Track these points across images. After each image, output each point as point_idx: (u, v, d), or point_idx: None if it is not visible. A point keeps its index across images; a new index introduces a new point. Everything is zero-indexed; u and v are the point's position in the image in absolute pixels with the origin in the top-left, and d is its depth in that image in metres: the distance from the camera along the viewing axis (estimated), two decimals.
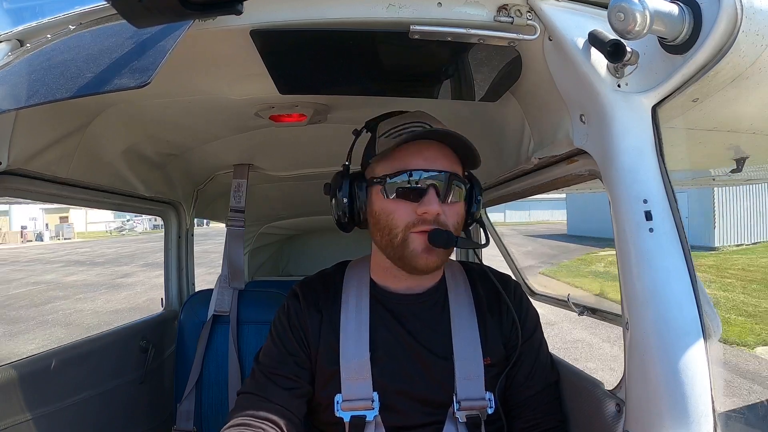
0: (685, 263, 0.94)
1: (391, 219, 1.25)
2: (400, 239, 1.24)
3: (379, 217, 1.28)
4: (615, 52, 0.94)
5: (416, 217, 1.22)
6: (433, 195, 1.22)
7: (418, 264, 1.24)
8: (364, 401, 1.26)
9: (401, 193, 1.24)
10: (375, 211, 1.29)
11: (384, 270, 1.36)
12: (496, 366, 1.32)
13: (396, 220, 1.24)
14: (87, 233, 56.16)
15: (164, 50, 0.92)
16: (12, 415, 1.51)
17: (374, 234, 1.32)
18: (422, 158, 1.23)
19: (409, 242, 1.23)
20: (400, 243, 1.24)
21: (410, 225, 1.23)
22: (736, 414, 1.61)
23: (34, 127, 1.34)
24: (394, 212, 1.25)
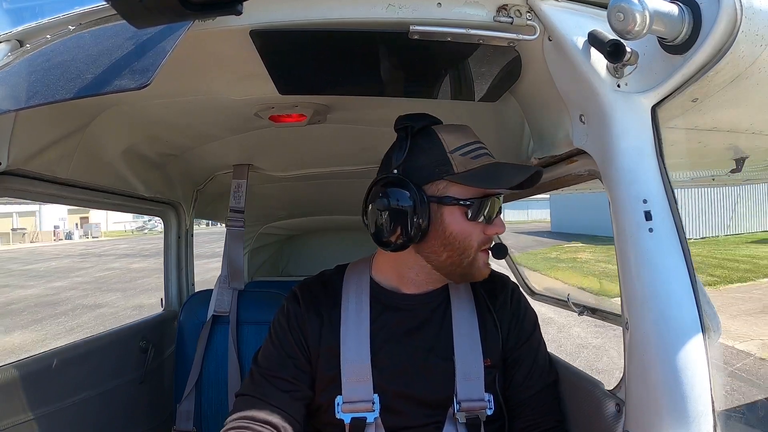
0: (685, 263, 0.94)
1: (468, 240, 1.25)
2: (472, 257, 1.27)
3: (455, 239, 1.24)
4: (615, 52, 0.94)
5: (484, 237, 1.27)
6: (501, 217, 1.30)
7: (482, 275, 1.31)
8: (365, 403, 1.26)
9: (480, 216, 1.25)
10: (450, 231, 1.24)
11: (391, 272, 1.36)
12: (496, 367, 1.32)
13: (471, 242, 1.26)
14: (110, 233, 60.73)
15: (164, 51, 0.92)
16: (12, 415, 1.51)
17: (437, 252, 1.27)
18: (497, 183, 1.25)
19: (477, 259, 1.28)
20: (471, 262, 1.27)
21: (481, 244, 1.27)
22: (735, 413, 1.61)
23: (33, 127, 1.34)
24: (471, 234, 1.25)
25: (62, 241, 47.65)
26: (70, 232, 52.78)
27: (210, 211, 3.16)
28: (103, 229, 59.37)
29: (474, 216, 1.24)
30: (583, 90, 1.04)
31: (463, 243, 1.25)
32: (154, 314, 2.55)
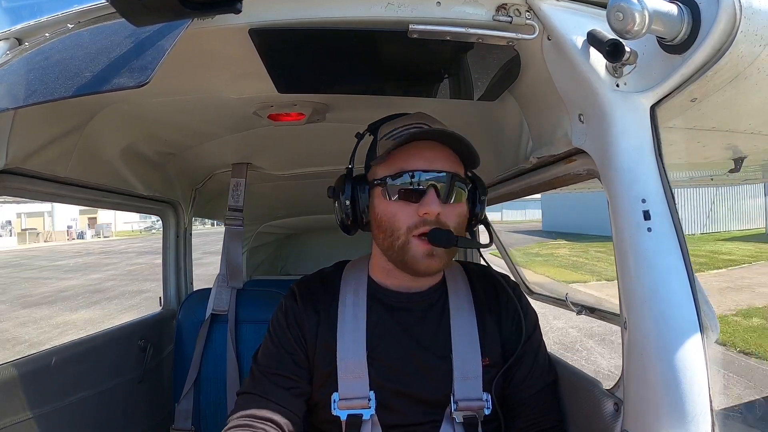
0: (684, 263, 0.94)
1: (393, 221, 1.25)
2: (402, 242, 1.24)
3: (382, 219, 1.28)
4: (614, 51, 0.94)
5: (418, 218, 1.22)
6: (433, 195, 1.22)
7: (419, 268, 1.25)
8: (361, 400, 1.26)
9: (402, 195, 1.24)
10: (377, 213, 1.29)
11: (385, 270, 1.36)
12: (495, 366, 1.32)
13: (398, 222, 1.24)
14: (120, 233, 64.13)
15: (163, 49, 0.92)
16: (11, 414, 1.51)
17: (376, 236, 1.32)
18: (422, 159, 1.24)
19: (411, 246, 1.23)
20: (402, 246, 1.24)
21: (412, 227, 1.23)
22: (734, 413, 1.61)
23: (32, 125, 1.33)
24: (396, 214, 1.25)
25: (75, 241, 49.91)
26: (83, 231, 55.64)
27: (209, 210, 3.15)
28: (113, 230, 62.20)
29: (391, 194, 1.25)
30: (582, 89, 1.04)
31: (390, 223, 1.26)
32: (153, 313, 2.55)
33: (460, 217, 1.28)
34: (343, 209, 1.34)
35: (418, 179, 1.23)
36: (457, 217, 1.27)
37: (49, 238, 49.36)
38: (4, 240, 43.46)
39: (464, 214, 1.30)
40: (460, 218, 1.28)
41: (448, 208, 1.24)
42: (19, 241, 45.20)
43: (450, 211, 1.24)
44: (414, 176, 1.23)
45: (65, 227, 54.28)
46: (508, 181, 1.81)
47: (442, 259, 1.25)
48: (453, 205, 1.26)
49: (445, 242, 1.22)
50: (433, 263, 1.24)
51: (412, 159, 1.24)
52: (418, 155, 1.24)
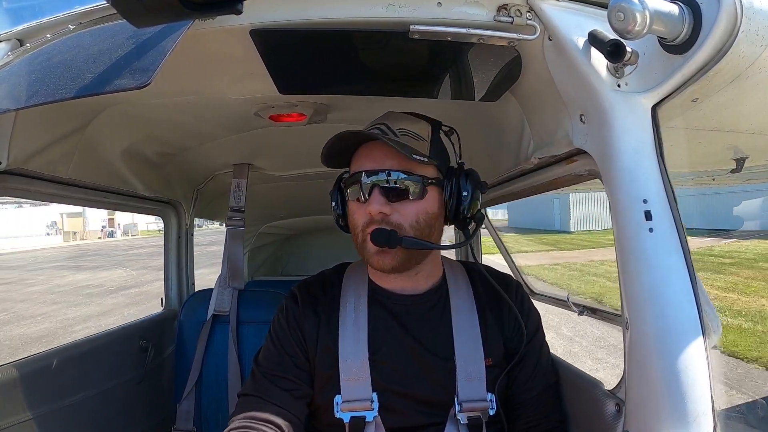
0: (685, 263, 0.94)
1: (353, 220, 1.30)
2: (360, 239, 1.27)
3: (349, 218, 1.33)
4: (615, 52, 0.94)
5: (369, 217, 1.24)
6: (376, 195, 1.22)
7: (373, 265, 1.28)
8: (363, 402, 1.25)
9: (356, 195, 1.28)
10: (348, 212, 1.34)
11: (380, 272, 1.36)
12: (498, 367, 1.31)
13: (356, 221, 1.28)
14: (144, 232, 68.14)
15: (164, 50, 0.92)
16: (13, 414, 1.52)
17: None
18: (371, 159, 1.25)
19: (366, 243, 1.25)
20: (361, 244, 1.28)
21: (364, 226, 1.25)
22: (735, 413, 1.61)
23: (33, 126, 1.34)
24: (354, 213, 1.29)
25: (107, 239, 54.46)
26: (113, 231, 60.01)
27: (210, 211, 3.16)
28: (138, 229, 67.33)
29: (350, 195, 1.31)
30: (583, 90, 1.04)
31: (352, 223, 1.31)
32: (154, 313, 2.55)
33: (417, 214, 1.25)
34: (335, 211, 1.40)
35: (364, 180, 1.24)
36: (414, 214, 1.25)
37: (84, 236, 54.07)
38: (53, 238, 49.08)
39: (427, 210, 1.27)
40: (418, 215, 1.25)
41: (399, 205, 1.24)
42: (64, 239, 49.74)
43: (403, 208, 1.24)
44: (361, 177, 1.25)
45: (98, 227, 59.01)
46: (510, 181, 1.80)
47: (396, 256, 1.24)
48: (406, 202, 1.24)
49: (383, 242, 1.22)
50: (385, 260, 1.24)
51: (363, 160, 1.27)
52: (368, 156, 1.26)
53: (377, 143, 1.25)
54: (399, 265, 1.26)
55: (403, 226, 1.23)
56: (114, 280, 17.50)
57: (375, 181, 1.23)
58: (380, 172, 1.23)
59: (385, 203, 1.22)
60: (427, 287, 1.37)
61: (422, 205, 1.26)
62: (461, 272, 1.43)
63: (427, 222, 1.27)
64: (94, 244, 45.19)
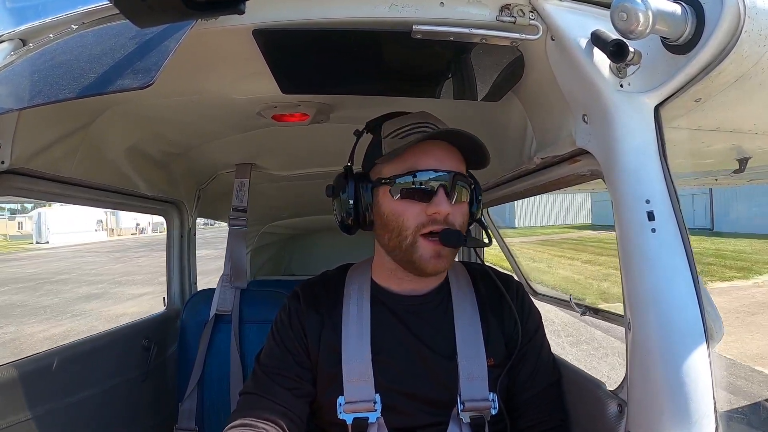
0: (688, 263, 0.93)
1: (401, 220, 1.24)
2: (409, 242, 1.24)
3: (388, 219, 1.27)
4: (617, 52, 0.93)
5: (426, 217, 1.22)
6: (443, 195, 1.21)
7: (427, 268, 1.25)
8: (366, 403, 1.25)
9: (410, 194, 1.23)
10: (383, 212, 1.28)
11: (388, 271, 1.36)
12: (499, 366, 1.31)
13: (406, 221, 1.24)
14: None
15: (167, 50, 0.92)
16: (15, 413, 1.52)
17: (381, 236, 1.31)
18: (432, 158, 1.23)
19: (419, 247, 1.23)
20: (410, 246, 1.24)
21: (420, 226, 1.22)
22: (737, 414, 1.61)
23: (36, 126, 1.34)
24: (403, 213, 1.24)
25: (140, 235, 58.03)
26: (144, 228, 62.92)
27: (212, 210, 3.16)
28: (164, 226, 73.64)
29: (399, 193, 1.24)
30: (586, 90, 1.04)
31: (397, 223, 1.25)
32: (157, 313, 2.56)
33: (464, 216, 1.28)
34: (344, 208, 1.33)
35: (429, 178, 1.22)
36: (462, 216, 1.27)
37: (120, 233, 58.09)
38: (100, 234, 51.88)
39: (467, 213, 1.30)
40: (464, 218, 1.28)
41: (455, 207, 1.24)
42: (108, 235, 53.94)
43: (456, 210, 1.24)
44: (423, 175, 1.22)
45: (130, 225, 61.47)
46: (512, 181, 1.80)
47: (449, 259, 1.25)
48: (459, 204, 1.25)
49: (455, 242, 1.22)
50: (440, 263, 1.24)
51: (423, 158, 1.23)
52: (429, 154, 1.24)
53: (437, 143, 1.25)
54: (448, 268, 1.30)
55: (456, 227, 1.24)
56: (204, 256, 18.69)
57: (441, 181, 1.23)
58: (446, 173, 1.23)
59: (449, 204, 1.22)
60: (430, 288, 1.37)
61: (466, 209, 1.29)
62: (463, 272, 1.43)
63: (466, 224, 1.30)
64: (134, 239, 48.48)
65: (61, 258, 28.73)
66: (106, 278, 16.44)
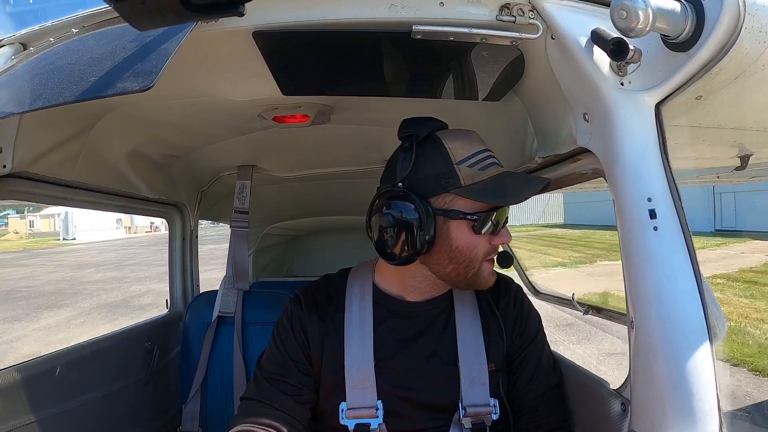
0: (690, 262, 0.93)
1: (474, 253, 1.22)
2: (477, 268, 1.25)
3: (460, 252, 1.22)
4: (618, 50, 0.93)
5: (490, 247, 1.25)
6: (507, 227, 1.28)
7: (488, 284, 1.29)
8: (369, 409, 1.26)
9: (487, 228, 1.22)
10: (455, 245, 1.21)
11: (394, 279, 1.34)
12: (500, 371, 1.32)
13: (477, 253, 1.23)
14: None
15: (167, 53, 0.92)
16: (18, 417, 1.52)
17: (443, 265, 1.25)
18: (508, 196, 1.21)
19: (482, 269, 1.25)
20: (476, 273, 1.25)
21: (486, 255, 1.25)
22: (742, 413, 1.61)
23: (37, 130, 1.34)
24: (477, 246, 1.22)
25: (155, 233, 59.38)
26: (157, 226, 64.21)
27: (214, 213, 3.16)
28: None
29: (480, 229, 1.21)
30: (586, 88, 1.04)
31: (469, 256, 1.22)
32: (159, 315, 2.56)
33: None
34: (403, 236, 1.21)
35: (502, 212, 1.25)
36: None
37: (136, 231, 61.28)
38: (119, 231, 55.13)
39: None
40: None
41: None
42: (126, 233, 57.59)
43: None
44: (501, 211, 1.24)
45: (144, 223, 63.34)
46: None
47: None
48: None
49: (510, 264, 1.39)
50: (494, 277, 1.30)
51: (503, 195, 1.20)
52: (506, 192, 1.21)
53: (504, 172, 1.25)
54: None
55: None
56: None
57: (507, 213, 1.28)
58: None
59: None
60: (435, 294, 1.36)
61: None
62: None
63: None
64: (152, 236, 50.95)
65: (104, 251, 31.67)
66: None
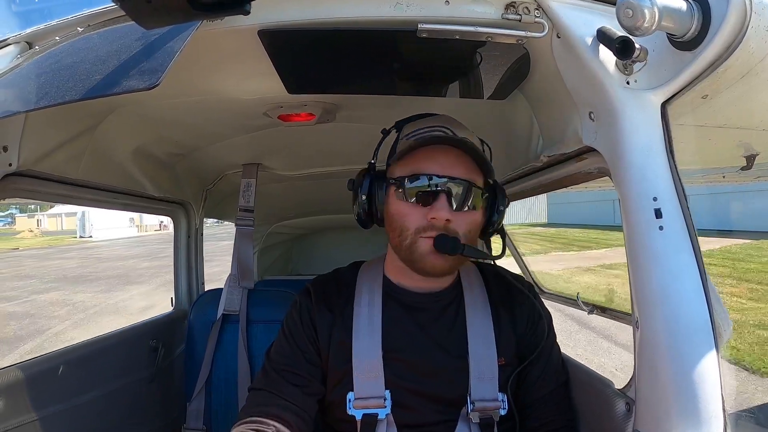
0: (696, 262, 0.93)
1: (403, 221, 1.25)
2: (409, 242, 1.24)
3: (393, 218, 1.28)
4: (623, 48, 0.93)
5: (426, 222, 1.22)
6: (444, 201, 1.21)
7: (425, 266, 1.24)
8: (376, 399, 1.25)
9: (414, 196, 1.24)
10: (390, 211, 1.29)
11: (400, 269, 1.35)
12: (510, 366, 1.31)
13: (408, 223, 1.24)
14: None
15: (173, 51, 0.92)
16: (23, 414, 1.53)
17: (389, 233, 1.32)
18: (438, 163, 1.23)
19: (418, 245, 1.23)
20: (409, 246, 1.24)
21: (420, 229, 1.22)
22: (746, 414, 1.60)
23: (43, 128, 1.34)
24: (407, 215, 1.24)
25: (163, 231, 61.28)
26: (166, 224, 66.86)
27: (219, 211, 3.17)
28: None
29: (404, 195, 1.25)
30: (592, 87, 1.04)
31: (399, 223, 1.25)
32: (164, 313, 2.57)
33: (472, 225, 1.27)
34: (360, 204, 1.34)
35: (431, 183, 1.22)
36: (468, 224, 1.25)
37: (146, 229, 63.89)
38: (132, 230, 58.05)
39: (478, 222, 1.29)
40: (471, 226, 1.26)
41: (459, 215, 1.23)
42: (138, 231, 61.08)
43: (461, 218, 1.24)
44: (426, 179, 1.22)
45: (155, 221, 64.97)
46: (519, 179, 1.80)
47: (449, 260, 1.24)
48: (465, 212, 1.25)
49: (449, 250, 1.21)
50: (438, 261, 1.23)
51: (428, 162, 1.23)
52: (435, 159, 1.23)
53: (444, 148, 1.24)
54: (449, 270, 1.28)
55: (459, 235, 1.23)
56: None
57: (444, 186, 1.22)
58: (449, 179, 1.22)
59: (450, 211, 1.21)
60: (443, 286, 1.36)
61: (476, 217, 1.28)
62: (475, 272, 1.43)
63: (475, 233, 1.29)
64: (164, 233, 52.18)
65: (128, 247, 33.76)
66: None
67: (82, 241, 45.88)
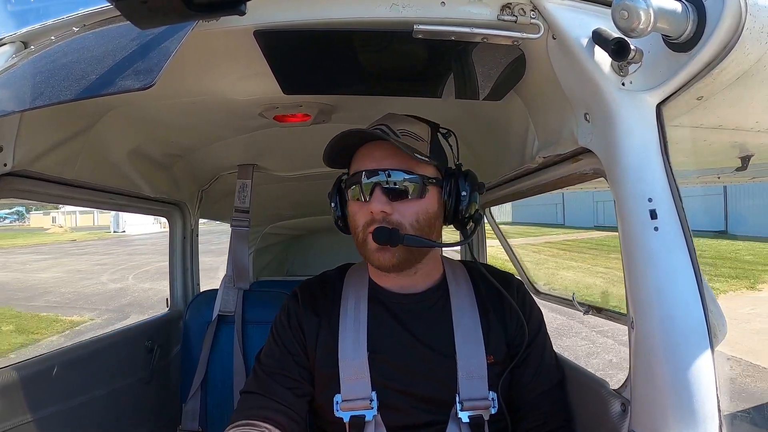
0: (691, 262, 0.93)
1: (354, 220, 1.29)
2: (361, 239, 1.28)
3: (350, 220, 1.32)
4: (619, 50, 0.93)
5: (370, 216, 1.24)
6: (378, 194, 1.23)
7: (374, 262, 1.28)
8: (363, 401, 1.26)
9: (356, 195, 1.28)
10: (348, 214, 1.34)
11: (379, 271, 1.36)
12: (499, 365, 1.31)
13: (357, 221, 1.28)
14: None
15: (168, 52, 0.92)
16: (19, 415, 1.52)
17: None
18: (371, 159, 1.26)
19: (367, 242, 1.26)
20: (362, 243, 1.28)
21: (366, 225, 1.25)
22: (741, 414, 1.60)
23: (39, 128, 1.34)
24: (355, 213, 1.29)
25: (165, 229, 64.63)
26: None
27: (215, 212, 3.16)
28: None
29: (351, 195, 1.31)
30: (587, 88, 1.04)
31: (353, 223, 1.31)
32: (160, 314, 2.56)
33: (419, 214, 1.26)
34: (332, 212, 1.40)
35: (365, 179, 1.25)
36: (414, 214, 1.26)
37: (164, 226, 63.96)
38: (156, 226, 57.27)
39: (427, 210, 1.28)
40: (419, 215, 1.26)
41: (400, 205, 1.24)
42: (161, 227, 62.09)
43: (403, 207, 1.25)
44: (362, 176, 1.25)
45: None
46: (514, 180, 1.80)
47: (396, 254, 1.25)
48: (408, 201, 1.25)
49: (385, 240, 1.22)
50: (386, 257, 1.25)
51: (364, 159, 1.27)
52: (369, 156, 1.27)
53: (378, 143, 1.26)
54: (399, 263, 1.27)
55: (403, 225, 1.24)
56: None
57: (376, 180, 1.24)
58: (381, 172, 1.24)
59: (387, 202, 1.23)
60: (427, 286, 1.37)
61: (422, 205, 1.27)
62: (462, 271, 1.43)
63: (427, 221, 1.28)
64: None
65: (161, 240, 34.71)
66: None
67: (117, 235, 48.26)
